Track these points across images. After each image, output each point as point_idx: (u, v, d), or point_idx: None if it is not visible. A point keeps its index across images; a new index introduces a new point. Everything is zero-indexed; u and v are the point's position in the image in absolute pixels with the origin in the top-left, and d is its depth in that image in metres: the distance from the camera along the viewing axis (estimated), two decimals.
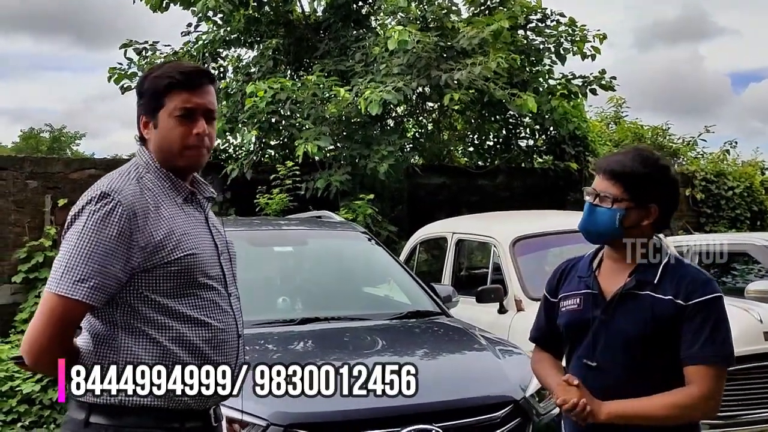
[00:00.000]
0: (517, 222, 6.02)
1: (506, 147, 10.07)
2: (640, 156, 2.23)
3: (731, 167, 12.37)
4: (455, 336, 4.07)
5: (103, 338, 1.97)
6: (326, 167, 8.04)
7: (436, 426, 3.08)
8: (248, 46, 9.82)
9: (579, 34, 8.69)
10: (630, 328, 2.16)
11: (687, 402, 2.10)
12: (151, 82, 2.06)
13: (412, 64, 7.85)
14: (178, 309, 1.98)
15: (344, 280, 4.79)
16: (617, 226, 2.17)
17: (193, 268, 2.00)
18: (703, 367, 2.09)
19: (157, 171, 2.06)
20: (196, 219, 2.10)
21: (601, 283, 2.25)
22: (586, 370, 2.21)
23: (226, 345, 2.06)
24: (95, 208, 1.91)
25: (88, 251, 1.88)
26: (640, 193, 2.17)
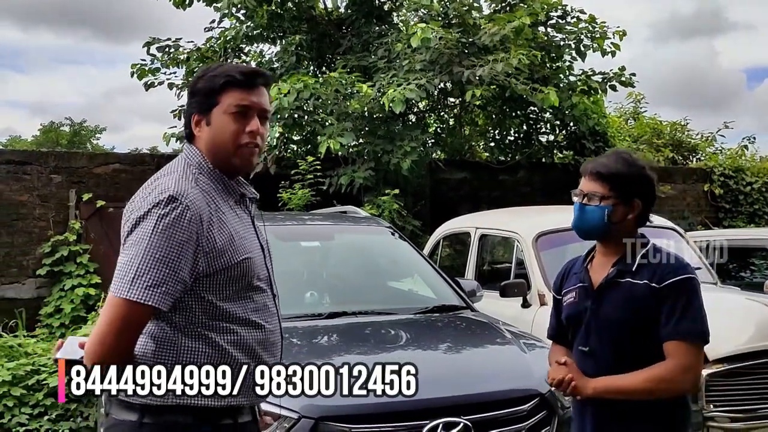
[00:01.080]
0: (539, 217, 6.08)
1: (527, 142, 10.13)
2: (621, 158, 2.46)
3: (750, 162, 12.35)
4: (481, 330, 4.15)
5: (163, 341, 1.97)
6: (349, 163, 8.13)
7: (464, 419, 3.14)
8: (271, 41, 9.92)
9: (599, 30, 8.71)
10: (613, 314, 2.38)
11: (665, 375, 2.29)
12: (206, 81, 2.07)
13: (434, 61, 7.92)
14: (235, 312, 2.00)
15: (371, 275, 4.87)
16: (606, 221, 2.40)
17: (248, 271, 2.02)
18: (678, 343, 2.30)
19: (210, 173, 2.06)
20: (246, 221, 2.11)
21: (591, 276, 2.49)
22: (581, 356, 2.45)
23: (274, 346, 2.10)
24: (164, 212, 1.90)
25: (160, 256, 1.87)
26: (624, 190, 2.40)
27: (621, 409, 2.36)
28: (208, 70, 2.12)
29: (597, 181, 2.41)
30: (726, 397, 4.36)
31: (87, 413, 6.54)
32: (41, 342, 7.62)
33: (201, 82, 2.09)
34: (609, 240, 2.45)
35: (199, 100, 2.08)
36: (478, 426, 3.18)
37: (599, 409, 2.41)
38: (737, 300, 5.04)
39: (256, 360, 2.03)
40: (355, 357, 3.70)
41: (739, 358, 4.38)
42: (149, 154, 10.26)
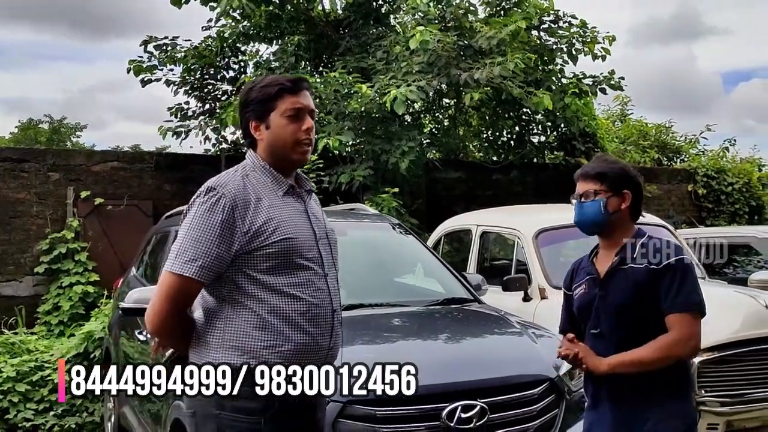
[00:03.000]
0: (539, 215, 6.31)
1: (519, 143, 10.36)
2: (604, 159, 2.87)
3: (730, 164, 12.70)
4: (491, 320, 4.36)
5: (212, 311, 2.29)
6: (348, 161, 8.29)
7: (480, 401, 3.34)
8: (268, 41, 10.04)
9: (590, 35, 8.95)
10: (619, 297, 2.68)
11: (669, 343, 2.61)
12: (260, 91, 2.39)
13: (432, 63, 8.11)
14: (274, 285, 2.26)
15: (383, 269, 5.06)
16: (603, 212, 2.73)
17: (289, 250, 2.29)
18: (677, 315, 2.62)
19: (261, 169, 2.39)
20: (295, 209, 2.40)
21: (597, 267, 2.81)
22: (593, 338, 2.76)
23: (320, 318, 2.33)
24: (203, 200, 2.26)
25: (197, 236, 2.21)
26: (613, 183, 2.74)
27: (633, 381, 2.65)
28: (256, 83, 2.43)
29: (588, 180, 2.77)
30: (717, 383, 4.61)
31: (92, 408, 6.61)
32: (42, 339, 7.71)
33: (253, 93, 2.40)
34: (609, 233, 2.77)
35: (255, 109, 2.39)
36: (493, 408, 3.38)
37: (614, 385, 2.69)
38: (726, 292, 5.30)
39: (297, 329, 2.27)
40: (369, 347, 3.90)
41: (728, 346, 4.63)
42: (147, 152, 10.34)
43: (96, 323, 6.91)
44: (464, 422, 3.32)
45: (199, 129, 9.40)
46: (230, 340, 2.25)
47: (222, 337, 2.26)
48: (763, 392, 4.66)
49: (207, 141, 9.55)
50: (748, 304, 4.89)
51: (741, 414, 4.62)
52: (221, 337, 2.26)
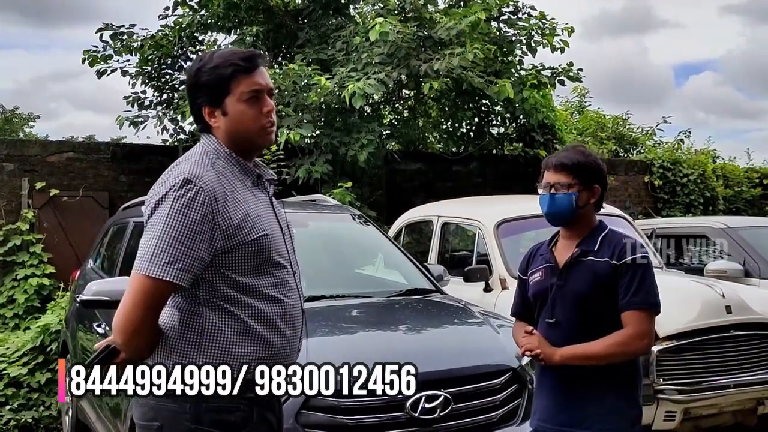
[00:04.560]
0: (500, 206, 6.34)
1: (479, 134, 10.39)
2: (578, 150, 2.82)
3: (686, 155, 12.95)
4: (454, 311, 4.37)
5: (187, 315, 2.07)
6: (307, 154, 8.23)
7: (444, 392, 3.34)
8: (226, 31, 9.91)
9: (549, 27, 9.01)
10: (578, 288, 2.69)
11: (623, 340, 2.63)
12: (211, 73, 2.13)
13: (392, 54, 8.08)
14: (255, 287, 2.09)
15: (345, 261, 5.04)
16: (574, 206, 2.73)
17: (267, 247, 2.11)
18: (633, 312, 2.62)
19: (227, 156, 2.15)
20: (263, 201, 2.20)
21: (556, 256, 2.81)
22: (548, 327, 2.76)
23: (295, 320, 2.19)
24: (179, 193, 2.00)
25: (176, 235, 1.98)
26: (586, 177, 2.73)
27: (583, 373, 2.67)
28: (204, 63, 2.16)
29: (561, 171, 2.73)
30: (674, 371, 4.69)
31: (49, 402, 6.52)
32: None
33: (203, 75, 2.14)
34: (574, 225, 2.77)
35: (207, 93, 2.15)
36: (457, 398, 3.39)
37: (564, 375, 2.70)
38: (683, 282, 5.40)
39: (278, 333, 2.13)
40: (333, 338, 3.89)
41: (685, 335, 4.72)
42: (104, 143, 10.14)
43: (52, 316, 6.79)
44: (428, 412, 3.33)
45: (156, 119, 9.24)
46: (209, 346, 2.07)
47: (200, 343, 2.07)
48: (720, 380, 4.75)
49: (165, 131, 9.39)
50: (704, 293, 4.99)
51: (698, 402, 4.70)
52: (199, 342, 2.07)
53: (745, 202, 12.89)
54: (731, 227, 7.07)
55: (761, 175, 13.32)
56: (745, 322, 4.94)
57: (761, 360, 4.95)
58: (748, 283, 6.38)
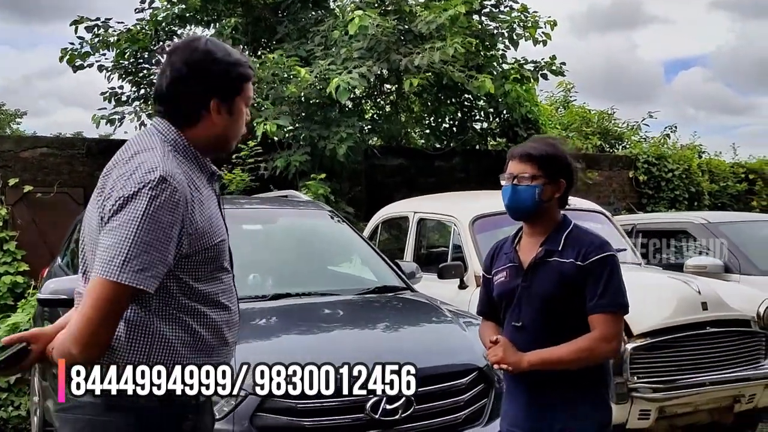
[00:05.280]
0: (475, 201, 6.25)
1: (461, 129, 10.30)
2: (545, 141, 2.70)
3: (671, 150, 12.89)
4: (421, 309, 4.29)
5: (136, 325, 1.92)
6: (285, 147, 8.13)
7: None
8: (205, 24, 9.79)
9: (531, 20, 8.92)
10: (543, 290, 2.57)
11: (590, 344, 2.52)
12: (228, 66, 2.00)
13: (371, 48, 7.98)
14: (207, 294, 1.98)
15: (313, 258, 4.94)
16: (537, 199, 2.59)
17: (222, 252, 2.02)
18: (601, 315, 2.52)
19: (185, 150, 2.00)
20: (214, 201, 2.06)
21: (521, 256, 2.67)
22: (514, 330, 2.64)
23: (236, 326, 2.10)
24: (154, 193, 1.83)
25: (150, 239, 1.82)
26: (552, 170, 2.60)
27: (551, 377, 2.57)
28: (221, 53, 2.01)
29: (527, 162, 2.59)
30: (648, 369, 4.61)
31: (18, 402, 6.44)
32: None
33: (219, 65, 2.00)
34: (536, 220, 2.64)
35: (222, 87, 2.01)
36: (420, 399, 3.30)
37: (531, 379, 2.60)
38: (659, 278, 5.32)
39: (222, 340, 2.04)
40: (297, 337, 3.81)
41: (660, 332, 4.65)
42: (79, 138, 10.02)
43: (22, 314, 6.69)
44: (389, 414, 3.24)
45: (134, 114, 9.09)
46: (156, 359, 1.93)
47: (148, 357, 1.92)
48: (695, 378, 4.68)
49: (142, 126, 9.24)
50: (680, 289, 4.92)
51: (673, 400, 4.63)
52: (147, 357, 1.92)
53: (730, 197, 12.82)
54: (712, 222, 7.01)
55: (747, 170, 13.25)
56: (722, 318, 4.88)
57: (738, 357, 4.89)
58: (728, 279, 6.32)
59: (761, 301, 5.36)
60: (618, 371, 4.45)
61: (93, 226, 1.97)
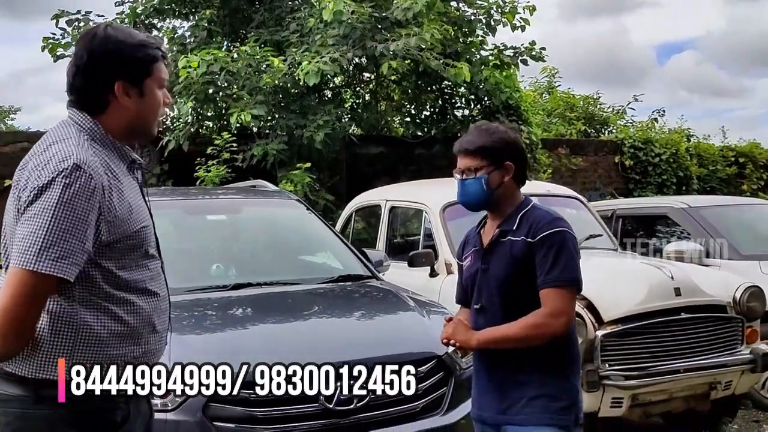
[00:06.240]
0: (446, 189, 6.14)
1: (442, 117, 10.22)
2: (482, 129, 2.66)
3: (659, 135, 12.82)
4: (383, 297, 4.22)
5: (59, 316, 1.90)
6: (263, 138, 8.07)
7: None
8: (183, 17, 9.70)
9: (509, 5, 8.82)
10: (498, 271, 2.57)
11: (539, 320, 2.47)
12: (131, 48, 2.00)
13: (347, 35, 7.90)
14: (133, 281, 1.98)
15: (278, 247, 4.88)
16: (486, 189, 2.58)
17: (146, 239, 2.02)
18: (550, 290, 2.48)
19: (102, 139, 2.00)
20: (135, 189, 2.07)
21: (483, 239, 2.67)
22: (475, 313, 2.64)
23: (165, 314, 2.10)
24: (68, 181, 1.83)
25: (67, 227, 1.81)
26: (494, 156, 2.59)
27: (508, 358, 2.54)
28: (126, 37, 2.02)
29: (467, 156, 2.60)
30: (620, 356, 4.52)
31: None
32: None
33: (125, 48, 2.00)
34: (496, 206, 2.62)
35: (129, 69, 2.00)
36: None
37: (490, 360, 2.59)
38: (631, 264, 5.25)
39: (150, 327, 2.03)
40: (255, 326, 3.75)
41: (632, 318, 4.55)
42: None
43: None
44: (344, 403, 3.18)
45: None
46: (83, 351, 1.91)
47: (73, 346, 1.90)
48: (668, 365, 4.59)
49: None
50: (652, 275, 4.82)
51: (646, 387, 4.55)
52: (72, 346, 1.90)
53: (720, 181, 12.77)
54: (693, 207, 6.92)
55: (737, 153, 13.19)
56: (696, 304, 4.80)
57: (714, 343, 4.80)
58: (709, 264, 6.24)
59: (737, 286, 5.28)
60: (589, 358, 4.38)
61: (11, 219, 1.93)
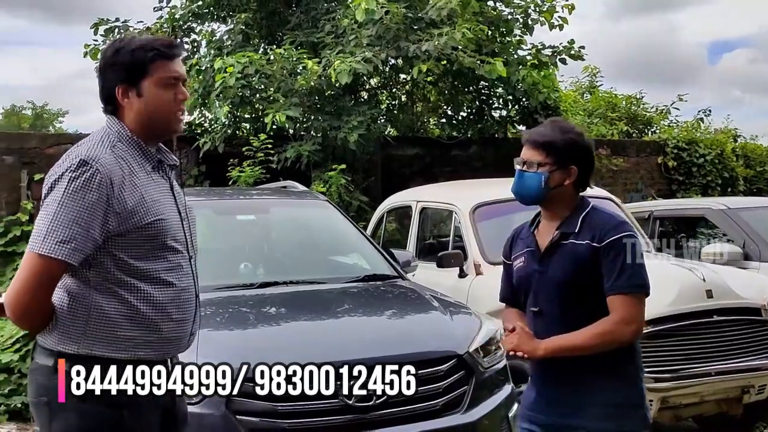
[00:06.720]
0: (477, 190, 6.16)
1: (479, 118, 10.17)
2: (557, 125, 2.55)
3: (705, 135, 12.55)
4: (406, 297, 4.24)
5: (76, 297, 2.10)
6: (297, 139, 8.15)
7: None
8: (221, 20, 9.85)
9: (547, 4, 8.74)
10: (559, 274, 2.48)
11: (610, 328, 2.39)
12: (130, 54, 2.18)
13: (381, 36, 7.92)
14: (146, 270, 2.12)
15: (305, 247, 4.93)
16: (543, 186, 2.49)
17: (162, 232, 2.15)
18: (619, 296, 2.39)
19: (128, 140, 2.18)
20: (162, 186, 2.24)
21: (538, 240, 2.57)
22: (533, 316, 2.56)
23: (186, 304, 2.22)
24: (75, 175, 2.04)
25: (71, 215, 2.01)
26: (560, 156, 2.49)
27: (576, 362, 2.46)
28: (124, 45, 2.21)
29: (534, 148, 2.50)
30: (650, 358, 4.46)
31: None
32: None
33: (122, 55, 2.19)
34: (550, 205, 2.54)
35: (124, 72, 2.18)
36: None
37: (555, 364, 2.50)
38: (663, 266, 5.15)
39: (166, 317, 2.16)
40: (280, 325, 3.81)
41: (663, 320, 4.49)
42: None
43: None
44: (363, 400, 3.21)
45: None
46: (95, 330, 2.09)
47: (86, 327, 2.09)
48: (699, 367, 4.52)
49: None
50: (683, 277, 4.74)
51: (676, 390, 4.48)
52: (85, 326, 2.09)
53: (767, 182, 12.44)
54: (732, 209, 6.77)
55: None
56: (729, 306, 4.71)
57: (746, 346, 4.70)
58: (748, 267, 6.10)
59: None
60: None
61: None
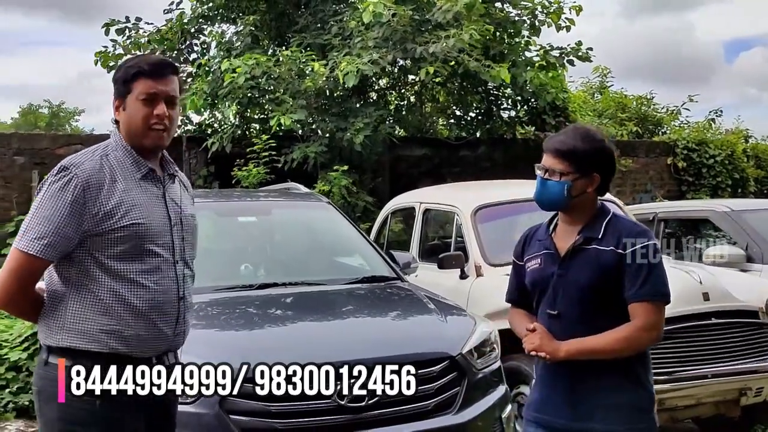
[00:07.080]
0: (479, 191, 6.19)
1: (488, 118, 10.19)
2: (579, 133, 2.55)
3: (715, 136, 12.48)
4: (401, 298, 4.29)
5: (57, 292, 2.29)
6: (304, 140, 8.22)
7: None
8: (231, 21, 9.93)
9: (554, 5, 8.75)
10: (581, 278, 2.49)
11: (632, 334, 2.43)
12: (122, 71, 2.40)
13: (387, 38, 7.97)
14: (120, 271, 2.27)
15: (305, 248, 4.98)
16: (566, 195, 2.50)
17: (139, 235, 2.29)
18: (642, 303, 2.43)
19: (123, 149, 2.36)
20: (151, 193, 2.39)
21: (556, 243, 2.59)
22: (549, 318, 2.57)
23: (165, 305, 2.34)
24: (55, 179, 2.25)
25: (45, 215, 2.21)
26: (583, 165, 2.50)
27: (588, 365, 2.49)
28: (126, 62, 2.46)
29: (557, 157, 2.50)
30: None
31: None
32: (4, 318, 7.74)
33: (119, 72, 2.42)
34: (570, 210, 2.57)
35: (118, 88, 2.40)
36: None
37: (567, 367, 2.52)
38: None
39: (140, 316, 2.28)
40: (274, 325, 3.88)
41: None
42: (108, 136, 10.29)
43: None
44: (355, 400, 3.26)
45: None
46: (71, 323, 2.25)
47: (63, 319, 2.26)
48: (695, 370, 4.53)
49: None
50: (679, 279, 4.74)
51: (673, 392, 4.48)
52: (63, 319, 2.26)
53: None
54: (735, 211, 6.75)
55: None
56: (726, 309, 4.72)
57: (744, 349, 4.71)
58: (750, 269, 6.09)
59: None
60: None
61: None
